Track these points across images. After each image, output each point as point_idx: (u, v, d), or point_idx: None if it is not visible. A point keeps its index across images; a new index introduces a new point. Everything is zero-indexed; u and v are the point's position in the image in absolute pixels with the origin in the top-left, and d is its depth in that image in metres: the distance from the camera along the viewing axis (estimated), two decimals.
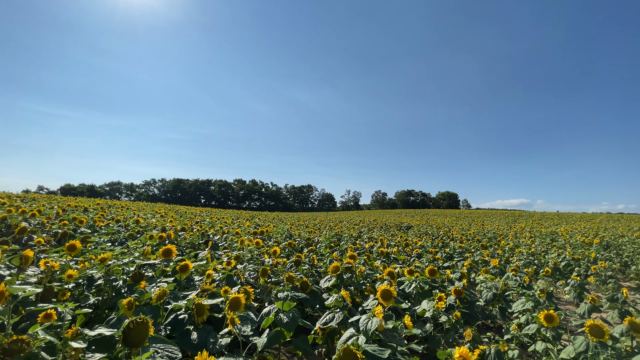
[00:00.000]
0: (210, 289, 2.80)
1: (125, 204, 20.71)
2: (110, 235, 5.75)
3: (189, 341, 2.07)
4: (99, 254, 3.45)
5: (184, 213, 18.38)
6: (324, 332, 2.75)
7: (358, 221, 24.25)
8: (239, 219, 17.43)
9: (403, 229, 18.72)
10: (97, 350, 1.49)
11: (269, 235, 9.05)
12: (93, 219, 7.23)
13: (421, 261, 6.60)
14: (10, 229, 5.58)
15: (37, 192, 49.20)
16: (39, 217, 6.30)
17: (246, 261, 4.58)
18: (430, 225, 21.49)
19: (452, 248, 8.85)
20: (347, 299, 2.83)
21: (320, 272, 5.04)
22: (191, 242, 6.34)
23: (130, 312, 1.97)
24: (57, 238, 4.75)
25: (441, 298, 3.60)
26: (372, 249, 7.51)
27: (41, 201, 12.70)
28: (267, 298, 3.52)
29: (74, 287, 2.82)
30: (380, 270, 4.82)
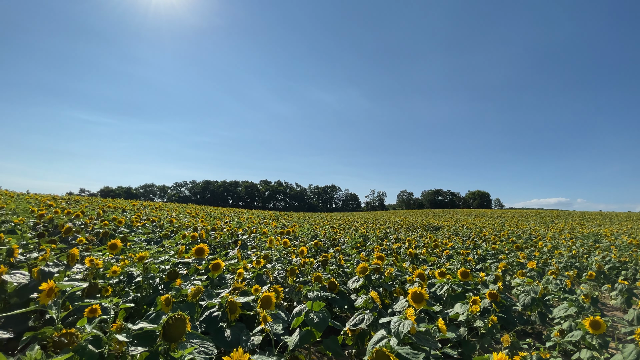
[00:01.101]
0: (242, 287, 2.86)
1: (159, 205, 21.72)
2: (146, 235, 6.05)
3: (223, 338, 2.12)
4: (137, 252, 3.64)
5: (213, 213, 18.98)
6: (354, 333, 2.73)
7: (384, 221, 23.92)
8: (265, 219, 17.74)
9: (431, 230, 18.23)
10: (139, 344, 1.56)
11: (295, 235, 9.13)
12: (130, 220, 7.64)
13: (452, 263, 6.39)
14: (57, 229, 6.01)
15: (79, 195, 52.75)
16: (82, 218, 6.74)
17: (274, 260, 4.64)
18: (460, 225, 20.77)
19: (485, 249, 8.49)
20: (377, 300, 2.78)
21: (348, 272, 5.01)
22: (221, 241, 6.52)
23: (167, 308, 2.05)
24: (99, 237, 5.06)
25: (475, 301, 3.46)
26: (399, 250, 7.37)
27: (83, 203, 13.59)
28: (296, 297, 3.54)
29: (115, 284, 2.99)
30: (409, 272, 4.71)
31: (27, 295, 2.44)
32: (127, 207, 12.97)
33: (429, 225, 20.82)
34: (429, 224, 22.38)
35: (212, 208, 33.32)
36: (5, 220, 5.52)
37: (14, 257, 3.08)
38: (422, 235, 13.66)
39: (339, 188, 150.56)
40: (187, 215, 13.36)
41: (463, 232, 15.52)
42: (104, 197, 34.56)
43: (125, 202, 19.75)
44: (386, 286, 3.83)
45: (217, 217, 14.78)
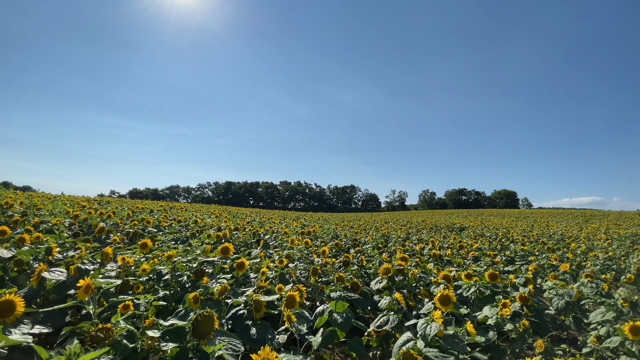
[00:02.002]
0: (265, 286, 2.89)
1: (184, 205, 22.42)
2: (173, 235, 6.25)
3: (249, 336, 2.15)
4: (165, 251, 3.76)
5: (235, 213, 19.37)
6: (379, 335, 2.69)
7: (405, 222, 23.52)
8: (285, 219, 17.90)
9: (455, 231, 17.73)
10: (170, 340, 1.61)
11: (315, 235, 9.14)
12: (158, 220, 7.92)
13: (478, 265, 6.19)
14: (91, 229, 6.33)
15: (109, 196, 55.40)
16: (114, 218, 7.06)
17: (296, 260, 4.66)
18: (486, 226, 20.09)
19: (513, 251, 8.16)
20: (402, 302, 2.73)
21: (370, 273, 4.96)
22: (244, 240, 6.64)
23: (196, 305, 2.10)
24: (129, 237, 5.28)
25: (505, 305, 3.32)
26: (422, 251, 7.22)
27: (114, 204, 14.24)
28: (318, 297, 3.54)
29: (145, 281, 3.10)
30: (433, 274, 4.60)
31: (65, 292, 2.57)
32: (155, 208, 13.47)
33: (452, 226, 20.27)
34: (453, 224, 21.79)
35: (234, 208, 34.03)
36: (44, 220, 5.87)
37: (52, 256, 3.27)
38: (446, 236, 13.32)
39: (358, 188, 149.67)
40: (211, 215, 13.70)
41: (489, 233, 15.00)
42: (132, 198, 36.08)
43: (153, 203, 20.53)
44: (410, 288, 3.76)
45: (240, 217, 15.07)
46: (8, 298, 1.86)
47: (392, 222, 23.80)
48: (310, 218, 23.55)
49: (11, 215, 5.87)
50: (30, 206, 8.00)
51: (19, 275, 3.00)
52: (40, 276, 2.50)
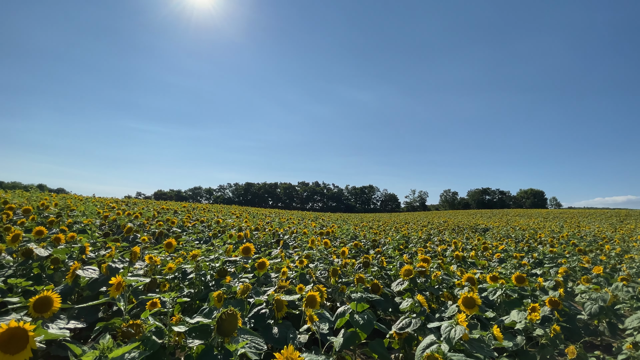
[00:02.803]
0: (286, 285, 2.92)
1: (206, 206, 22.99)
2: (196, 235, 6.42)
3: (271, 335, 2.17)
4: (189, 250, 3.87)
5: (255, 214, 19.66)
6: (401, 337, 2.65)
7: (426, 222, 23.06)
8: (304, 219, 17.99)
9: (479, 232, 17.21)
10: (196, 337, 1.66)
11: (334, 235, 9.13)
12: (182, 220, 8.17)
13: (504, 267, 5.98)
14: (120, 229, 6.61)
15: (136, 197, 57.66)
16: (140, 219, 7.35)
17: (316, 260, 4.68)
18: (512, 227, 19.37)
19: (542, 253, 7.83)
20: (424, 304, 2.68)
21: (390, 274, 4.90)
22: (264, 240, 6.73)
23: (220, 304, 2.15)
24: (155, 237, 5.47)
25: (534, 309, 3.19)
26: (445, 252, 7.05)
27: (140, 205, 14.80)
28: (339, 298, 3.54)
29: (171, 280, 3.21)
30: (457, 276, 4.49)
31: (98, 289, 2.70)
32: (178, 209, 13.90)
33: (476, 227, 19.68)
34: (477, 225, 21.16)
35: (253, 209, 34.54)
36: (77, 221, 6.18)
37: (85, 254, 3.44)
38: (469, 237, 12.95)
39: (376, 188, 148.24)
40: (232, 215, 13.98)
41: (515, 234, 14.45)
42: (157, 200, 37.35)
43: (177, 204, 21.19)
44: (433, 290, 3.68)
45: (259, 218, 15.28)
46: (46, 294, 1.98)
47: (412, 222, 23.40)
48: (328, 218, 23.55)
49: (47, 216, 6.23)
50: (64, 207, 8.45)
51: (55, 272, 3.18)
52: (74, 274, 2.64)
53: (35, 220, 5.60)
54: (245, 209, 31.24)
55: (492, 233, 15.34)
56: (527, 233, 14.49)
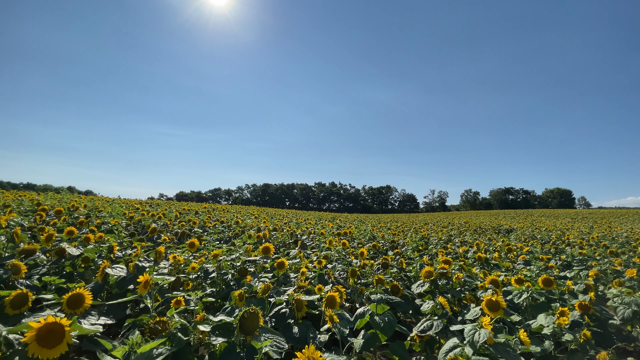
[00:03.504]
0: (305, 285, 2.93)
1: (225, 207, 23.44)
2: (217, 235, 6.56)
3: (291, 334, 2.19)
4: (211, 250, 3.96)
5: (273, 214, 19.86)
6: (422, 340, 2.61)
7: (446, 223, 22.56)
8: (321, 220, 18.01)
9: (502, 233, 16.68)
10: (219, 335, 1.69)
11: (352, 236, 9.09)
12: (203, 221, 8.37)
13: (530, 269, 5.76)
14: (144, 229, 6.85)
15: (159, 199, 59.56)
16: (164, 219, 7.58)
17: (334, 261, 4.67)
18: (537, 227, 18.64)
19: (570, 255, 7.49)
20: (446, 306, 2.63)
21: (410, 276, 4.83)
22: (282, 241, 6.79)
23: (241, 303, 2.19)
24: (178, 237, 5.63)
25: (563, 313, 3.06)
26: (466, 254, 6.88)
27: (163, 206, 15.27)
28: (358, 299, 3.52)
29: (194, 279, 3.29)
30: (480, 278, 4.37)
31: (126, 287, 2.81)
32: (199, 210, 14.24)
33: (499, 228, 19.07)
34: (500, 225, 20.50)
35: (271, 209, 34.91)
36: (104, 221, 6.45)
37: (113, 254, 3.59)
38: (491, 238, 12.57)
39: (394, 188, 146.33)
40: (251, 216, 14.18)
41: (541, 235, 13.90)
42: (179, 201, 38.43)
43: (198, 205, 21.71)
44: (454, 292, 3.60)
45: (277, 218, 15.43)
46: (78, 292, 2.08)
47: (431, 223, 22.95)
48: (345, 219, 23.46)
49: (77, 217, 6.53)
50: (93, 209, 8.84)
51: (86, 271, 3.34)
52: (104, 272, 2.76)
53: (66, 221, 5.89)
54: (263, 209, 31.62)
55: (516, 234, 14.82)
56: (554, 234, 13.90)
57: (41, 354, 1.37)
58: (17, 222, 4.87)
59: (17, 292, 2.04)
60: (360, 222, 20.68)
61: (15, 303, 2.04)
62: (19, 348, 1.47)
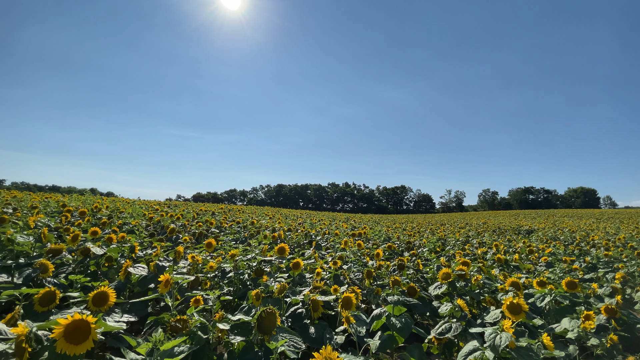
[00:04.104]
0: (321, 286, 2.94)
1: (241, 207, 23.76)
2: (233, 235, 6.66)
3: (308, 334, 2.20)
4: (228, 250, 4.02)
5: (287, 215, 19.96)
6: (440, 342, 2.57)
7: (463, 224, 22.10)
8: (335, 220, 17.98)
9: (522, 233, 16.20)
10: (238, 334, 1.72)
11: (367, 237, 9.04)
12: (219, 221, 8.51)
13: (552, 271, 5.58)
14: (163, 229, 7.02)
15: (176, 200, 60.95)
16: (182, 220, 7.75)
17: (350, 262, 4.66)
18: (560, 228, 18.00)
19: (595, 257, 7.19)
20: (465, 309, 2.57)
21: (427, 278, 4.76)
22: (297, 241, 6.82)
23: (258, 302, 2.22)
24: (196, 237, 5.74)
25: (588, 317, 2.95)
26: (485, 255, 6.71)
27: (181, 207, 15.61)
28: (374, 300, 3.50)
29: (211, 278, 3.35)
30: (500, 280, 4.26)
31: (147, 286, 2.89)
32: (216, 210, 14.49)
33: (519, 228, 18.53)
34: (519, 226, 19.91)
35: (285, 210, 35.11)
36: (125, 222, 6.65)
37: (135, 253, 3.70)
38: (511, 239, 12.23)
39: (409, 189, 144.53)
40: (265, 216, 14.32)
41: (564, 236, 13.42)
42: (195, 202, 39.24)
43: (214, 206, 22.08)
44: (473, 294, 3.52)
45: (291, 219, 15.51)
46: (103, 290, 2.15)
47: (448, 224, 22.54)
48: (359, 220, 23.33)
49: (100, 218, 6.77)
50: (114, 210, 9.14)
51: (109, 270, 3.45)
52: (126, 271, 2.85)
53: (90, 221, 6.11)
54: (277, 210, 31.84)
55: (538, 235, 14.35)
56: (578, 235, 13.39)
57: (68, 349, 1.42)
58: (44, 222, 5.09)
59: (45, 290, 2.13)
60: (375, 222, 20.53)
61: (43, 300, 2.13)
62: (47, 344, 1.54)
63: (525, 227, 19.06)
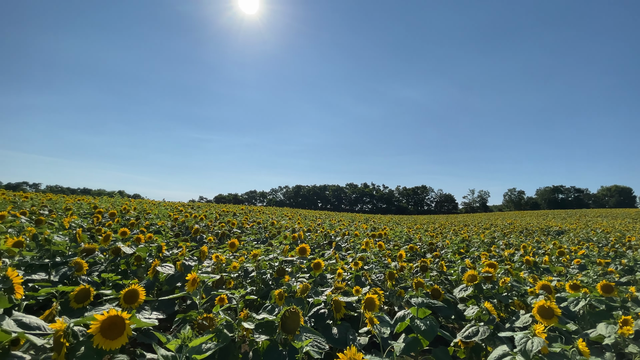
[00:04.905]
0: (343, 287, 2.92)
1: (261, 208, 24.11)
2: (254, 235, 6.76)
3: (331, 335, 2.20)
4: (250, 250, 4.09)
5: (306, 216, 20.06)
6: (467, 346, 2.49)
7: (488, 225, 21.41)
8: (354, 221, 17.87)
9: (552, 234, 15.49)
10: (262, 333, 1.74)
11: (387, 238, 8.92)
12: (241, 222, 8.67)
13: (586, 274, 5.30)
14: (187, 230, 7.23)
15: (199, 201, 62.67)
16: (205, 221, 7.95)
17: (371, 263, 4.62)
18: (593, 229, 17.08)
19: (632, 259, 6.77)
20: (493, 312, 2.49)
21: (451, 280, 4.64)
22: (316, 242, 6.83)
23: (281, 302, 2.24)
24: (219, 237, 5.88)
25: (626, 322, 2.77)
26: (512, 257, 6.47)
27: (203, 208, 16.03)
28: (397, 302, 3.45)
29: (235, 277, 3.42)
30: (529, 283, 4.09)
31: (174, 284, 2.99)
32: (237, 211, 14.77)
33: (548, 229, 17.73)
34: (548, 227, 19.06)
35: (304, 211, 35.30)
36: (152, 223, 6.91)
37: (162, 253, 3.83)
38: (540, 240, 11.72)
39: (430, 188, 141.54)
40: (285, 217, 14.44)
41: (597, 237, 12.72)
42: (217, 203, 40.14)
43: (235, 207, 22.52)
44: (501, 298, 3.40)
45: (310, 219, 15.56)
46: (133, 287, 2.24)
47: (472, 224, 21.89)
48: (379, 220, 23.08)
49: (128, 219, 7.06)
50: (141, 211, 9.50)
51: (138, 268, 3.59)
52: (155, 270, 2.95)
53: (119, 222, 6.38)
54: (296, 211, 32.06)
55: (569, 236, 13.68)
56: (613, 236, 12.65)
57: (104, 344, 1.49)
58: (78, 223, 5.36)
59: (80, 288, 2.24)
60: (396, 223, 20.26)
61: (78, 297, 2.24)
62: (83, 339, 1.61)
63: (555, 228, 18.21)
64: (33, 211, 6.33)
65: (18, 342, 1.71)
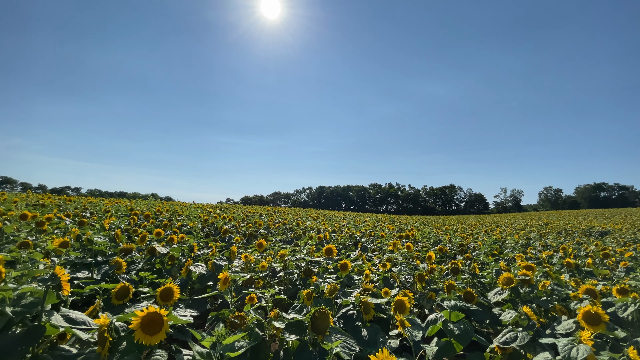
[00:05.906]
0: (371, 288, 2.89)
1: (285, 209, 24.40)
2: (280, 236, 6.85)
3: (360, 337, 2.17)
4: (277, 251, 4.14)
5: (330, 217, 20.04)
6: (504, 353, 2.37)
7: (522, 225, 20.38)
8: (379, 222, 17.62)
9: (595, 235, 14.49)
10: (292, 333, 1.75)
11: (415, 239, 8.72)
12: (267, 223, 8.81)
13: (634, 278, 4.90)
14: (217, 230, 7.45)
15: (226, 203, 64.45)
16: (233, 222, 8.16)
17: (399, 264, 4.53)
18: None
19: None
20: (533, 317, 2.36)
21: (485, 283, 4.45)
22: (342, 243, 6.80)
23: (309, 302, 2.24)
24: (246, 237, 6.00)
25: None
26: (551, 259, 6.11)
27: (231, 210, 16.46)
28: (427, 305, 3.35)
29: (263, 277, 3.47)
30: (571, 287, 3.84)
31: (206, 283, 3.08)
32: (263, 212, 15.05)
33: (590, 230, 16.59)
34: (590, 227, 17.83)
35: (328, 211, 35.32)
36: (184, 224, 7.17)
37: (194, 253, 3.96)
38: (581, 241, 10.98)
39: (459, 188, 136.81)
40: (309, 218, 14.52)
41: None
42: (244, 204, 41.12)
43: (261, 208, 22.96)
44: (540, 302, 3.21)
45: (335, 220, 15.53)
46: (169, 286, 2.33)
47: (505, 225, 20.92)
48: (405, 221, 22.61)
49: (162, 220, 7.38)
50: (174, 213, 9.91)
51: (172, 268, 3.74)
52: (188, 269, 3.06)
53: (153, 223, 6.69)
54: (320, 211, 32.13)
55: (614, 237, 12.71)
56: None
57: (145, 340, 1.56)
58: (116, 225, 5.68)
59: (121, 285, 2.36)
60: (423, 224, 19.75)
61: (119, 294, 2.37)
62: (124, 334, 1.70)
63: (598, 228, 17.00)
64: (76, 213, 6.79)
65: (65, 336, 1.84)
